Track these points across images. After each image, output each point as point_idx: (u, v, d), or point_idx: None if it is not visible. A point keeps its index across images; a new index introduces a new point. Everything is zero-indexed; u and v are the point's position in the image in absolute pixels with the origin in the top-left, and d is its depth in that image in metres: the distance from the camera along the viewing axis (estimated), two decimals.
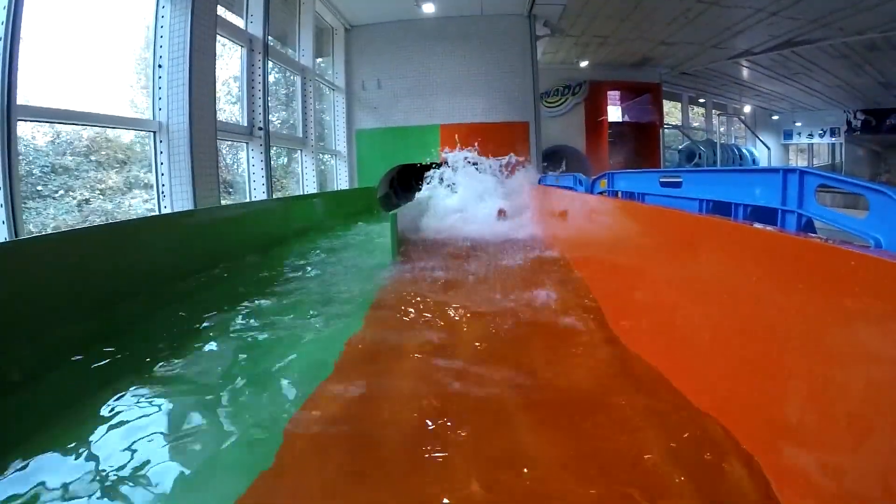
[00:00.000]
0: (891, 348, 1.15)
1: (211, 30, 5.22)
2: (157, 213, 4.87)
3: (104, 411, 2.01)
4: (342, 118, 9.97)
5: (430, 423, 1.86)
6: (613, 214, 3.74)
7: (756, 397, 1.63)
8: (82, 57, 4.97)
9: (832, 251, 1.40)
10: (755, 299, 1.71)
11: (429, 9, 8.97)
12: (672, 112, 19.66)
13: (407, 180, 10.86)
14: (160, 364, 2.47)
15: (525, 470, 1.59)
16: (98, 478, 1.59)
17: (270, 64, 6.66)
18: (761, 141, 16.16)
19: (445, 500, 1.46)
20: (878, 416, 1.16)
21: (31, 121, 3.86)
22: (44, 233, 3.48)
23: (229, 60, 6.73)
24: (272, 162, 6.58)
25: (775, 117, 23.53)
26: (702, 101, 20.51)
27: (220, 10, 5.54)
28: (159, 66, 4.86)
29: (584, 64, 15.31)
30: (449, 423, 1.85)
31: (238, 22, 6.35)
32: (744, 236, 1.89)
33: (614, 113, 17.27)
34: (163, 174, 4.88)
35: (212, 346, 2.79)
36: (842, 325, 1.32)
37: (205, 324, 3.11)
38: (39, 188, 5.09)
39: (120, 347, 2.63)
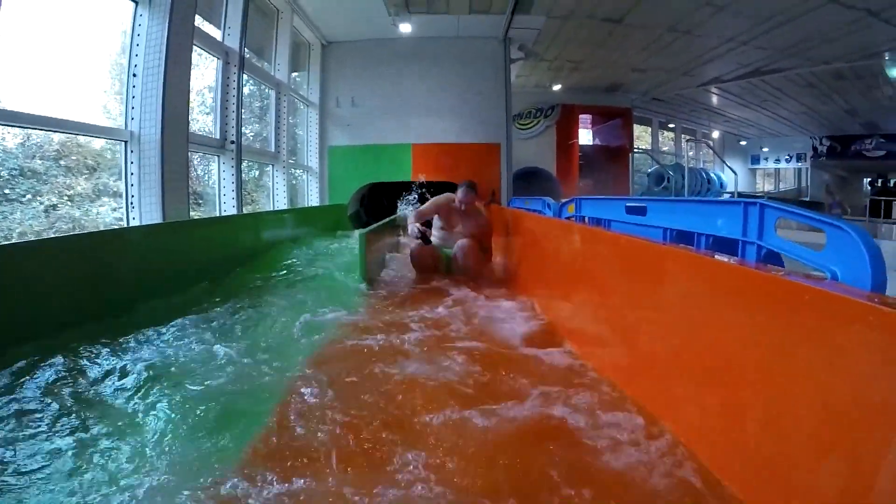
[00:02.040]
0: (840, 379, 1.20)
1: (188, 40, 5.21)
2: (125, 223, 4.78)
3: None
4: (315, 134, 9.97)
5: None
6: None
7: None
8: (56, 60, 4.87)
9: (789, 284, 1.46)
10: (715, 329, 1.76)
11: (406, 29, 9.07)
12: (642, 136, 20.12)
13: (378, 199, 10.81)
14: None
15: None
16: None
17: (245, 77, 6.63)
18: (728, 166, 16.59)
19: None
20: (833, 442, 1.22)
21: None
22: None
23: (204, 70, 6.66)
24: (243, 175, 6.52)
25: (743, 142, 24.27)
26: (671, 126, 21.09)
27: (198, 21, 5.51)
28: (134, 76, 4.83)
29: (556, 87, 15.65)
30: None
31: (215, 34, 6.33)
32: (704, 266, 1.94)
33: (585, 136, 17.54)
34: (132, 185, 4.82)
35: None
36: (796, 355, 1.37)
37: None
38: (6, 191, 4.95)
39: None
